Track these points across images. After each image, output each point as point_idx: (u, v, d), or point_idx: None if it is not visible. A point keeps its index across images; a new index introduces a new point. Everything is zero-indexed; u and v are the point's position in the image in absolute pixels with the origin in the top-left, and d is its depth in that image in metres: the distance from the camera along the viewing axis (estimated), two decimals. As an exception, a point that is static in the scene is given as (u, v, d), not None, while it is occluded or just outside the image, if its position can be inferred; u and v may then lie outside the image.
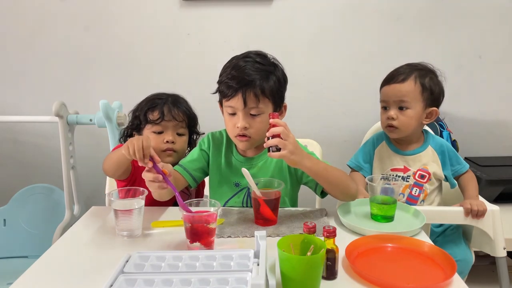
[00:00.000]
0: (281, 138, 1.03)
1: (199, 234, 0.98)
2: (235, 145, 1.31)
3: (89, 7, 2.04)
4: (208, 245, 0.99)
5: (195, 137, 1.45)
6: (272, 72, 1.21)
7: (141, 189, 1.10)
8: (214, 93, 1.28)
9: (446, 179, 1.48)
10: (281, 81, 1.24)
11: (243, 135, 1.21)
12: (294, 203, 1.34)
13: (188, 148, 1.43)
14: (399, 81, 1.41)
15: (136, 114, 1.37)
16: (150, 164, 1.01)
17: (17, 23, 2.06)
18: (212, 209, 1.00)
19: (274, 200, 1.13)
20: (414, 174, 1.44)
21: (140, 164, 1.03)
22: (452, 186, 1.49)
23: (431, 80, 1.41)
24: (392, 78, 1.44)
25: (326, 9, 2.02)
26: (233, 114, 1.21)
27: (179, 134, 1.36)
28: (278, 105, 1.25)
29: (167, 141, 1.32)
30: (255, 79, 1.17)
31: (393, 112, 1.42)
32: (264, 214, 1.13)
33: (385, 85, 1.46)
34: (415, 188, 1.44)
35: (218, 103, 1.31)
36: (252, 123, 1.20)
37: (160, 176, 1.01)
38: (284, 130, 1.04)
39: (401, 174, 1.46)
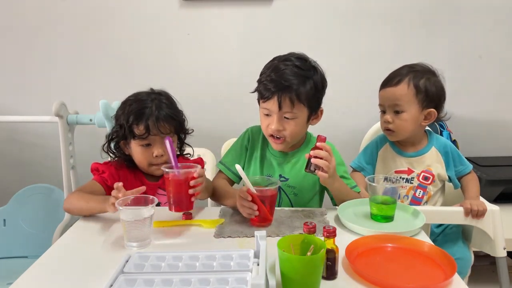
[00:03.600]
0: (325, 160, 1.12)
1: (180, 192, 1.06)
2: None
3: (89, 7, 2.04)
4: (189, 206, 1.08)
5: (183, 136, 1.39)
6: (310, 77, 1.24)
7: (151, 197, 1.04)
8: (253, 92, 1.30)
9: (450, 180, 1.47)
10: (318, 86, 1.26)
11: (277, 138, 1.26)
12: (321, 201, 1.40)
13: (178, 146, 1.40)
14: (393, 85, 1.40)
15: (121, 123, 1.28)
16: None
17: (17, 23, 2.06)
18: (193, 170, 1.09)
19: (269, 199, 1.12)
20: (418, 175, 1.44)
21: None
22: (456, 187, 1.49)
23: (428, 80, 1.39)
24: (387, 81, 1.43)
25: (326, 9, 2.02)
26: (268, 115, 1.25)
27: None
28: (314, 110, 1.28)
29: (156, 156, 1.26)
30: (292, 84, 1.20)
31: (388, 116, 1.42)
32: (259, 213, 1.11)
33: (381, 88, 1.45)
34: (419, 190, 1.43)
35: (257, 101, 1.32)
36: (286, 125, 1.24)
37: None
38: (328, 155, 1.13)
39: (405, 176, 1.45)
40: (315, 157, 1.12)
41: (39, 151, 2.19)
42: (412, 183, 1.44)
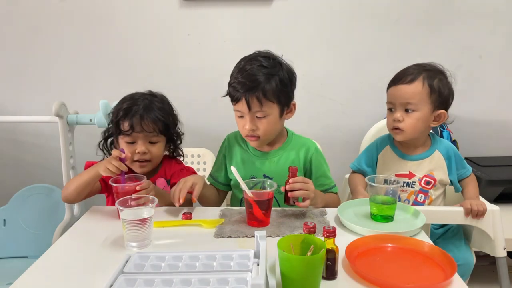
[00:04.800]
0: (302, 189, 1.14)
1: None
2: None
3: (88, 7, 2.04)
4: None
5: (177, 140, 1.41)
6: (275, 74, 1.24)
7: (151, 197, 1.06)
8: (224, 96, 1.32)
9: (452, 183, 1.45)
10: (285, 81, 1.26)
11: (252, 136, 1.28)
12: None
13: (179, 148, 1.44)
14: (406, 82, 1.36)
15: (112, 119, 1.34)
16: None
17: (17, 23, 2.06)
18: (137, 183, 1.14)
19: (266, 201, 1.12)
20: (420, 180, 1.41)
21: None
22: (457, 190, 1.46)
23: (440, 81, 1.36)
24: (399, 78, 1.38)
25: (326, 9, 2.02)
26: (242, 116, 1.28)
27: (152, 142, 1.32)
28: (285, 105, 1.29)
29: (138, 152, 1.29)
30: (257, 84, 1.21)
31: (399, 114, 1.37)
32: (256, 215, 1.11)
33: (392, 86, 1.40)
34: (420, 195, 1.41)
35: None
36: (259, 124, 1.26)
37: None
38: (304, 184, 1.15)
39: (406, 180, 1.42)
40: (291, 190, 1.14)
41: (39, 151, 2.19)
42: (414, 187, 1.42)
